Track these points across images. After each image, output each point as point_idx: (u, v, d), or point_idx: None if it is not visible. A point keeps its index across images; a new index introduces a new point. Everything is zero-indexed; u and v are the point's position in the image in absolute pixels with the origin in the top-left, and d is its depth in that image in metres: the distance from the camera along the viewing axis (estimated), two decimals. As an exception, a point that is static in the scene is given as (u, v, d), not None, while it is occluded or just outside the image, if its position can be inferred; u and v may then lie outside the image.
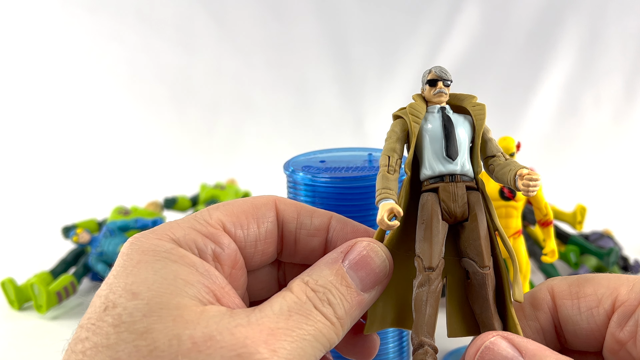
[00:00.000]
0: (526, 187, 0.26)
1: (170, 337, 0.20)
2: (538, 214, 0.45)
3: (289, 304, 0.23)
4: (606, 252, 0.66)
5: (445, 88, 0.29)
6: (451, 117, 0.29)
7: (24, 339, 0.59)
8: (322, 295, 0.24)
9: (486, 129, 0.29)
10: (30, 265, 0.74)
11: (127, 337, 0.20)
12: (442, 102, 0.30)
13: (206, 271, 0.24)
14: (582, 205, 0.67)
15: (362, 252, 0.26)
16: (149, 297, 0.21)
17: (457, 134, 0.29)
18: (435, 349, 0.26)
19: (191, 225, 0.26)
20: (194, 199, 0.88)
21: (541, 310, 0.28)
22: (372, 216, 0.29)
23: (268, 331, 0.21)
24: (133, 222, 0.70)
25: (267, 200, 0.29)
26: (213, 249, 0.26)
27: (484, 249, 0.27)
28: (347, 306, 0.24)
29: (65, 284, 0.63)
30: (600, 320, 0.26)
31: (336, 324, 0.24)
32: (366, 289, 0.25)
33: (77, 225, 0.78)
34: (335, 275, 0.25)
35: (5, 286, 0.64)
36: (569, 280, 0.28)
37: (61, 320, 0.62)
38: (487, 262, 0.27)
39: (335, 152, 0.46)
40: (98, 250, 0.66)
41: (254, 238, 0.28)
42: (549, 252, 0.44)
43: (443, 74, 0.29)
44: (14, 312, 0.65)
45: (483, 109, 0.29)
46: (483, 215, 0.28)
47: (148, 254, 0.24)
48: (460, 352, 0.53)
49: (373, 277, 0.26)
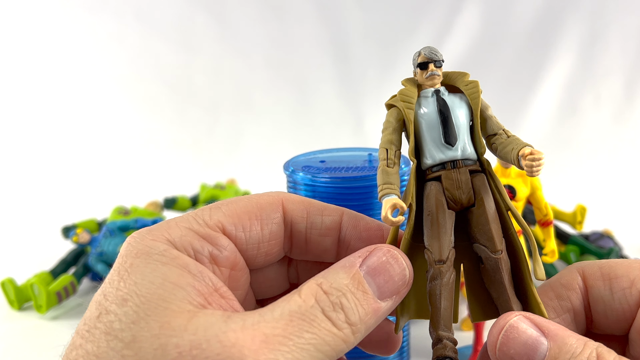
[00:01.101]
0: (529, 167, 0.25)
1: (155, 346, 0.19)
2: (538, 214, 0.45)
3: (292, 307, 0.22)
4: (606, 252, 0.66)
5: (437, 69, 0.28)
6: (446, 99, 0.28)
7: (23, 339, 0.59)
8: (335, 299, 0.22)
9: (484, 105, 0.28)
10: (30, 265, 0.73)
11: (116, 346, 0.20)
12: (436, 85, 0.28)
13: (199, 272, 0.23)
14: (582, 205, 0.67)
15: (381, 258, 0.25)
16: (137, 304, 0.21)
17: (454, 117, 0.27)
18: (454, 342, 0.26)
19: (189, 225, 0.25)
20: (194, 199, 0.88)
21: (572, 290, 0.27)
22: (372, 216, 0.29)
23: (261, 338, 0.20)
24: (133, 222, 0.70)
25: (274, 200, 0.28)
26: (210, 250, 0.25)
27: (495, 233, 0.26)
28: (362, 313, 0.23)
29: (65, 284, 0.63)
30: (633, 300, 0.26)
31: (346, 331, 0.22)
32: (384, 297, 0.24)
33: (77, 225, 0.78)
34: (351, 279, 0.23)
35: (5, 286, 0.64)
36: (599, 264, 0.28)
37: (61, 321, 0.62)
38: (499, 246, 0.26)
39: (335, 152, 0.46)
40: (98, 250, 0.66)
41: (257, 240, 0.27)
42: (549, 252, 0.44)
43: (433, 54, 0.28)
44: (14, 312, 0.65)
45: (476, 87, 0.28)
46: (490, 197, 0.27)
47: (140, 257, 0.23)
48: (461, 351, 0.53)
49: (392, 285, 0.24)
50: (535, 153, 0.25)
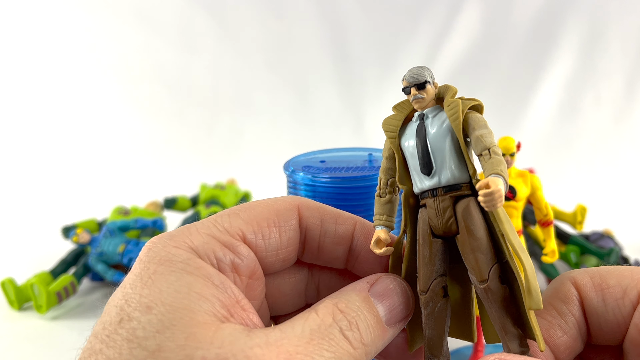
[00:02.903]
0: (483, 204, 0.23)
1: (181, 357, 0.19)
2: (538, 214, 0.45)
3: (311, 325, 0.22)
4: (606, 252, 0.66)
5: (421, 92, 0.27)
6: (429, 124, 0.27)
7: (23, 339, 0.59)
8: (352, 319, 0.23)
9: (470, 125, 0.26)
10: (30, 266, 0.73)
11: (139, 354, 0.20)
12: (422, 108, 0.27)
13: (222, 284, 0.23)
14: (582, 206, 0.67)
15: (388, 286, 0.26)
16: (162, 312, 0.21)
17: (432, 144, 0.26)
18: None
19: (211, 232, 0.25)
20: (194, 199, 0.88)
21: (572, 304, 0.27)
22: (372, 217, 0.29)
23: (286, 355, 0.20)
24: (133, 222, 0.69)
25: (290, 206, 0.28)
26: (232, 259, 0.25)
27: (479, 263, 0.25)
28: (374, 334, 0.24)
29: (65, 284, 0.63)
30: (627, 311, 0.26)
31: (359, 351, 0.23)
32: (390, 323, 0.25)
33: (77, 225, 0.78)
34: (364, 301, 0.24)
35: (5, 286, 0.64)
36: (590, 272, 0.27)
37: (61, 321, 0.62)
38: (484, 276, 0.25)
39: (335, 152, 0.46)
40: (98, 250, 0.66)
41: (276, 247, 0.27)
42: (549, 252, 0.44)
43: (414, 78, 0.27)
44: (14, 312, 0.64)
45: (456, 108, 0.26)
46: (477, 223, 0.25)
47: (164, 264, 0.23)
48: (461, 351, 0.53)
49: (397, 312, 0.26)
50: (486, 188, 0.23)
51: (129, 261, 0.64)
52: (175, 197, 0.86)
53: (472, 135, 0.26)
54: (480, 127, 0.26)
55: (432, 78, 0.27)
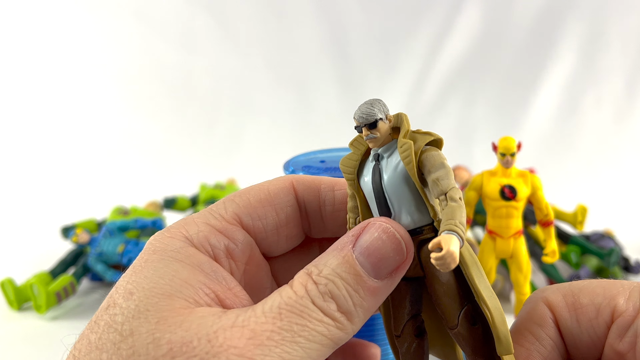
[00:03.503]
0: (436, 267, 0.21)
1: (149, 340, 0.20)
2: (539, 214, 0.45)
3: (282, 300, 0.21)
4: (607, 252, 0.66)
5: (373, 132, 0.25)
6: (382, 168, 0.25)
7: (23, 340, 0.59)
8: (324, 288, 0.22)
9: (426, 167, 0.24)
10: (30, 266, 0.73)
11: (114, 339, 0.20)
12: (377, 146, 0.25)
13: (213, 272, 0.23)
14: (583, 206, 0.67)
15: (374, 235, 0.23)
16: (140, 298, 0.21)
17: (387, 187, 0.24)
18: None
19: (206, 220, 0.25)
20: (193, 199, 0.88)
21: (548, 327, 0.26)
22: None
23: (249, 335, 0.20)
24: (133, 222, 0.69)
25: (284, 184, 0.28)
26: (226, 244, 0.25)
27: (447, 309, 0.24)
28: (356, 298, 0.22)
29: (65, 285, 0.63)
30: (601, 331, 0.25)
31: (340, 320, 0.22)
32: (380, 276, 0.23)
33: (77, 225, 0.78)
34: (342, 262, 0.22)
35: (5, 286, 0.64)
36: (563, 291, 0.26)
37: (60, 321, 0.62)
38: (454, 322, 0.24)
39: (335, 152, 0.46)
40: (97, 250, 0.66)
41: (274, 226, 0.27)
42: (550, 252, 0.44)
43: (363, 118, 0.25)
44: (13, 312, 0.64)
45: (408, 151, 0.24)
46: None
47: (157, 253, 0.23)
48: (461, 352, 0.53)
49: (387, 262, 0.23)
50: (443, 247, 0.21)
51: (129, 261, 0.64)
52: (174, 197, 0.86)
53: (428, 178, 0.24)
54: (436, 168, 0.23)
55: (384, 113, 0.25)
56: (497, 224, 0.45)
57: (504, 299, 0.64)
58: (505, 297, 0.64)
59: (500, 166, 0.45)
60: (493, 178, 0.45)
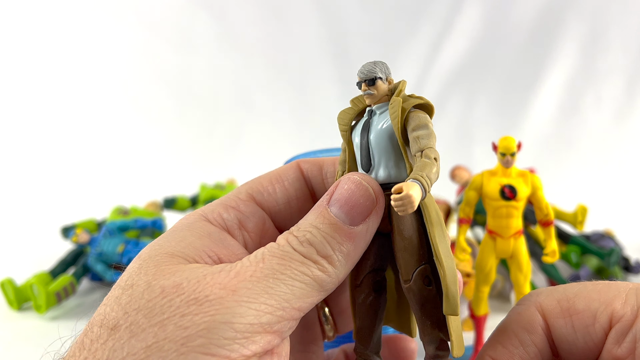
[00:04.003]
0: (395, 208, 0.22)
1: (144, 288, 0.22)
2: (539, 214, 0.45)
3: (266, 249, 0.23)
4: (607, 252, 0.66)
5: (371, 88, 0.26)
6: (374, 121, 0.26)
7: (23, 339, 0.59)
8: (302, 237, 0.23)
9: (410, 125, 0.25)
10: (30, 266, 0.73)
11: (116, 294, 0.22)
12: (373, 104, 0.27)
13: (220, 239, 0.25)
14: (583, 206, 0.66)
15: (343, 187, 0.25)
16: (144, 258, 0.23)
17: (372, 141, 0.26)
18: (366, 358, 0.27)
19: (221, 200, 0.28)
20: (193, 199, 0.88)
21: (535, 334, 0.26)
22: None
23: (234, 275, 0.22)
24: (133, 222, 0.69)
25: (290, 165, 0.30)
26: (239, 218, 0.27)
27: (404, 263, 0.25)
28: (334, 242, 0.24)
29: (65, 285, 0.63)
30: (598, 337, 0.25)
31: (321, 262, 0.23)
32: (355, 222, 0.24)
33: (77, 225, 0.78)
34: (317, 216, 0.24)
35: (5, 286, 0.64)
36: (557, 295, 0.26)
37: (60, 321, 0.62)
38: (406, 276, 0.25)
39: (335, 152, 0.46)
40: (97, 250, 0.66)
41: (285, 198, 0.29)
42: (550, 252, 0.44)
43: (364, 74, 0.26)
44: (13, 312, 0.64)
45: (396, 106, 0.25)
46: (406, 224, 0.25)
47: (176, 225, 0.26)
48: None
49: (359, 209, 0.25)
50: (403, 190, 0.22)
51: (129, 261, 0.63)
52: (174, 197, 0.86)
53: (410, 135, 0.25)
54: (419, 127, 0.25)
55: (385, 74, 0.26)
56: (497, 223, 0.45)
57: (504, 299, 0.64)
58: (505, 297, 0.64)
59: (501, 166, 0.45)
60: (493, 178, 0.45)
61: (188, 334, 0.20)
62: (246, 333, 0.20)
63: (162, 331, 0.20)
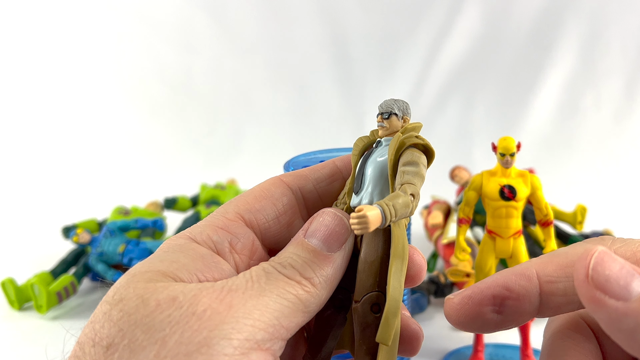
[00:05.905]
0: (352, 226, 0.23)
1: (138, 302, 0.21)
2: (538, 214, 0.45)
3: (253, 270, 0.24)
4: (606, 252, 0.66)
5: (384, 121, 0.28)
6: (377, 152, 0.28)
7: (24, 339, 0.59)
8: (285, 263, 0.25)
9: (402, 159, 0.26)
10: (31, 266, 0.74)
11: (104, 309, 0.22)
12: (384, 136, 0.28)
13: (214, 264, 0.25)
14: (582, 206, 0.67)
15: (318, 220, 0.26)
16: (133, 274, 0.23)
17: (367, 169, 0.27)
18: None
19: (208, 222, 0.27)
20: (194, 199, 0.88)
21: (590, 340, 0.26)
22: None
23: (227, 291, 0.22)
24: (133, 222, 0.69)
25: (274, 180, 0.30)
26: (229, 240, 0.27)
27: (358, 283, 0.26)
28: (314, 266, 0.25)
29: (66, 284, 0.63)
30: None
31: (304, 283, 0.24)
32: (332, 249, 0.26)
33: (77, 225, 0.78)
34: (296, 246, 0.25)
35: (6, 286, 0.64)
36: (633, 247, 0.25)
37: (61, 321, 0.62)
38: (358, 297, 0.26)
39: (335, 152, 0.46)
40: (98, 250, 0.66)
41: (274, 215, 0.29)
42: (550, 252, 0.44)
43: (382, 107, 0.28)
44: (14, 312, 0.65)
45: (394, 140, 0.27)
46: (371, 248, 0.26)
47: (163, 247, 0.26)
48: (461, 351, 0.53)
49: (336, 236, 0.26)
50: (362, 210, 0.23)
51: (129, 261, 0.64)
52: (175, 197, 0.86)
53: (399, 169, 0.26)
54: (408, 163, 0.26)
55: (402, 112, 0.28)
56: (497, 224, 0.45)
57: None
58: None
59: (500, 166, 0.45)
60: (493, 178, 0.45)
61: (189, 351, 0.20)
62: (243, 349, 0.21)
63: (164, 348, 0.20)
